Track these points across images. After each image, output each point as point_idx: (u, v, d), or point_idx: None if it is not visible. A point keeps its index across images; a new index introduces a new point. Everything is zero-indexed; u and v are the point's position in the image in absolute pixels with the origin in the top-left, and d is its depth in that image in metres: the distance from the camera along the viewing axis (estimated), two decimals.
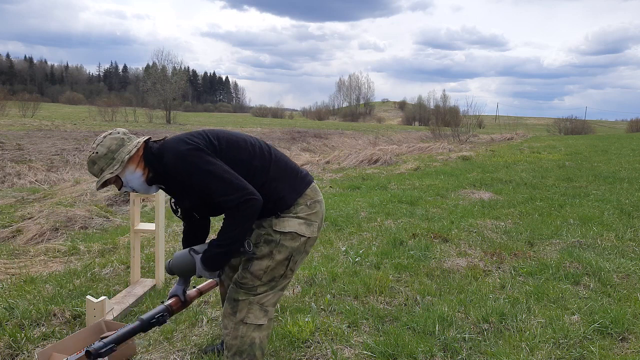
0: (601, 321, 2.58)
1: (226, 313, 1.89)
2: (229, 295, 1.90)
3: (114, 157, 1.77)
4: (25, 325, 2.63)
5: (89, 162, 1.81)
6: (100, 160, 1.77)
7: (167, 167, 1.77)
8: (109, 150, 1.78)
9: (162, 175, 1.82)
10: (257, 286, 1.86)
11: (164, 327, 2.66)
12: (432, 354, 2.32)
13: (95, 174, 1.80)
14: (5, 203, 7.13)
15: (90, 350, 1.65)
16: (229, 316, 1.87)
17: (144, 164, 1.82)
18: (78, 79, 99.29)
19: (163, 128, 25.60)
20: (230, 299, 1.89)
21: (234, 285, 1.89)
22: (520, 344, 2.40)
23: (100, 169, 1.77)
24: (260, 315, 1.87)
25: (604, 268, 3.44)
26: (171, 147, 1.79)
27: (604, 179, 7.98)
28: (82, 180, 9.07)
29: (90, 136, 17.80)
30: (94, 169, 1.80)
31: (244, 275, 1.86)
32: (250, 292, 1.86)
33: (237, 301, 1.87)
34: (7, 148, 13.12)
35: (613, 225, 4.77)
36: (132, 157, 1.79)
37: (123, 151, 1.78)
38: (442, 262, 3.71)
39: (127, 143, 1.81)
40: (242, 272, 1.88)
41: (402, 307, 2.89)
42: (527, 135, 30.09)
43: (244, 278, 1.86)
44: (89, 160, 1.81)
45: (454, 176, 8.68)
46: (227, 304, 1.90)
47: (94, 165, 1.79)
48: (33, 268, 3.85)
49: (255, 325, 1.86)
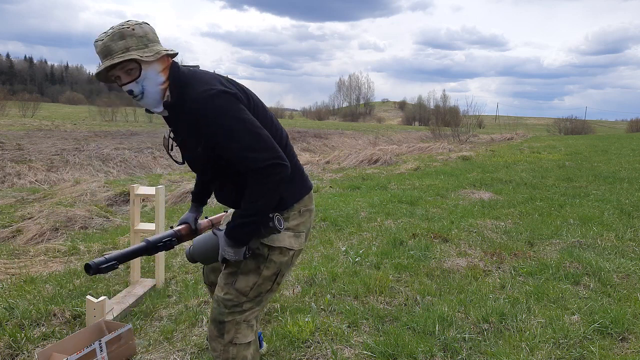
0: (601, 321, 2.58)
1: (212, 336, 1.71)
2: (213, 317, 1.70)
3: (147, 44, 1.52)
4: (25, 325, 2.63)
5: (115, 34, 1.48)
6: (131, 38, 1.49)
7: (188, 99, 1.51)
8: (146, 35, 1.52)
9: (176, 106, 1.56)
10: (243, 303, 1.68)
11: (164, 327, 2.66)
12: (432, 354, 2.32)
13: (114, 50, 1.48)
14: (5, 203, 7.13)
15: (90, 264, 1.52)
16: (216, 339, 1.70)
17: (168, 77, 1.57)
18: (78, 79, 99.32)
19: (163, 128, 25.59)
20: (215, 321, 1.70)
21: (218, 305, 1.69)
22: (520, 344, 2.40)
23: (126, 47, 1.48)
24: (248, 332, 1.71)
25: (604, 268, 3.44)
26: (202, 80, 1.55)
27: (604, 179, 7.98)
28: (82, 180, 9.07)
29: (90, 136, 17.81)
30: (118, 44, 1.47)
31: (228, 292, 1.68)
32: (235, 311, 1.68)
33: (224, 323, 1.68)
34: (7, 148, 13.12)
35: (613, 225, 4.77)
36: (163, 57, 1.55)
37: (159, 46, 1.55)
38: (442, 262, 3.71)
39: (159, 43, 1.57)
40: (226, 287, 1.68)
41: (402, 307, 2.89)
42: (527, 135, 30.09)
43: (228, 294, 1.67)
44: (115, 32, 1.48)
45: (454, 176, 8.68)
46: (213, 326, 1.71)
47: (121, 40, 1.47)
48: (33, 268, 3.85)
49: (245, 343, 1.71)
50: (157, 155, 15.43)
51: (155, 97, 1.56)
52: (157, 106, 1.58)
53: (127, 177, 12.07)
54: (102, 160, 13.61)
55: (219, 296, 1.69)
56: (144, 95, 1.54)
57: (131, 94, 1.53)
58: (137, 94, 1.53)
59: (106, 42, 1.48)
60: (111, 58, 1.47)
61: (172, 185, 8.52)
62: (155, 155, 15.42)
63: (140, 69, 1.51)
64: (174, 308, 2.93)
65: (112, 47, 1.48)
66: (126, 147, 15.79)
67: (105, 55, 1.49)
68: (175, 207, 6.89)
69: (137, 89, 1.52)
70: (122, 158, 14.20)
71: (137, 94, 1.53)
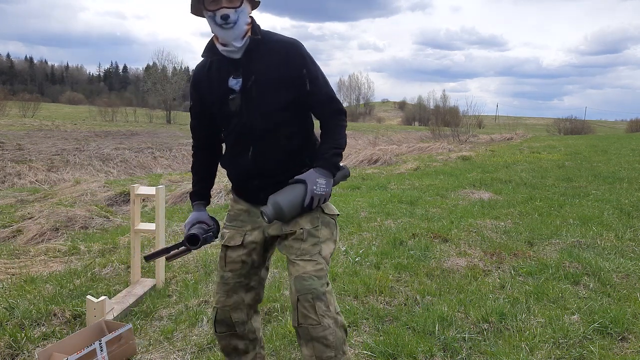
0: (601, 321, 2.58)
1: (321, 313, 1.58)
2: (314, 295, 1.58)
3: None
4: (25, 325, 2.63)
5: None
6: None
7: (279, 39, 1.63)
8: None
9: (260, 45, 1.62)
10: (327, 270, 1.67)
11: (164, 327, 2.67)
12: (432, 354, 2.32)
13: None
14: (6, 203, 7.13)
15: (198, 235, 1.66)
16: (325, 314, 1.59)
17: (251, 22, 1.64)
18: (78, 79, 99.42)
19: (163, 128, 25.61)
20: (317, 298, 1.58)
21: (313, 280, 1.59)
22: (520, 344, 2.40)
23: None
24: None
25: (603, 268, 3.44)
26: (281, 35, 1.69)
27: (603, 179, 7.98)
28: (82, 181, 9.08)
29: (90, 136, 17.81)
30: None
31: (318, 261, 1.63)
32: (326, 280, 1.64)
33: (324, 294, 1.60)
34: (8, 148, 13.13)
35: (613, 225, 4.77)
36: (255, 2, 1.66)
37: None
38: (442, 262, 3.71)
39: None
40: (314, 258, 1.63)
41: (402, 307, 2.89)
42: (526, 135, 30.08)
43: (318, 264, 1.62)
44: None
45: (453, 176, 8.68)
46: (319, 304, 1.59)
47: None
48: (33, 268, 3.85)
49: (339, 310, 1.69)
50: (157, 155, 15.44)
51: (241, 32, 1.58)
52: (239, 41, 1.59)
53: (127, 177, 12.08)
54: (103, 160, 13.62)
55: (309, 271, 1.61)
56: (236, 25, 1.56)
57: (225, 20, 1.54)
58: (232, 21, 1.55)
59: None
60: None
61: (172, 185, 8.52)
62: (155, 155, 15.43)
63: (242, 1, 1.57)
64: (174, 308, 2.93)
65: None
66: (126, 147, 15.81)
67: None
68: (176, 207, 6.89)
69: (234, 17, 1.55)
70: (122, 158, 14.21)
71: (232, 21, 1.55)
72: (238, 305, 1.76)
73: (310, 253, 1.64)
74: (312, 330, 1.58)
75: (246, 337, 1.81)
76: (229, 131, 1.71)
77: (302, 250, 1.65)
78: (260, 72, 1.61)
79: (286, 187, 1.64)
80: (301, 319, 1.59)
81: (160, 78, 38.11)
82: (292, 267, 1.65)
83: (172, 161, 15.39)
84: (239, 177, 1.76)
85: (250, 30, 1.61)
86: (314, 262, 1.63)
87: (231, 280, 1.75)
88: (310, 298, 1.59)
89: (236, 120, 1.65)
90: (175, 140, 21.04)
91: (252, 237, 1.75)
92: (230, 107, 1.63)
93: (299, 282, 1.60)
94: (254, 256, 1.76)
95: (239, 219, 1.78)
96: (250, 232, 1.75)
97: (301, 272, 1.61)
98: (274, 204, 1.60)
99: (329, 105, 1.69)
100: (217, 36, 1.61)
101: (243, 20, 1.57)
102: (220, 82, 1.65)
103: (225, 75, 1.64)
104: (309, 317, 1.58)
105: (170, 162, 15.18)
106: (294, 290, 1.61)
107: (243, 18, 1.57)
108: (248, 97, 1.62)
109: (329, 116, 1.70)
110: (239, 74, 1.62)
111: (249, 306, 1.79)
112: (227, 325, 1.77)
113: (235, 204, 1.82)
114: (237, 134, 1.68)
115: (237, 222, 1.78)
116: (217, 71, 1.66)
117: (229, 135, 1.73)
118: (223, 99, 1.64)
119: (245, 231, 1.76)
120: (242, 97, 1.62)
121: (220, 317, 1.76)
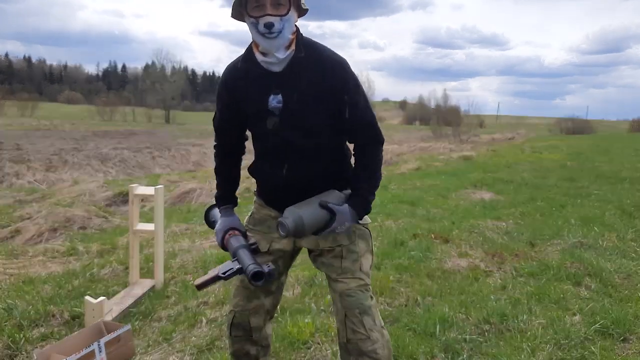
0: (602, 322, 2.57)
1: (369, 326, 1.58)
2: (361, 308, 1.58)
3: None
4: (24, 326, 2.62)
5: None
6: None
7: (325, 58, 1.50)
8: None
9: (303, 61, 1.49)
10: (369, 283, 1.65)
11: (163, 328, 2.65)
12: (433, 355, 2.31)
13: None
14: (4, 203, 7.11)
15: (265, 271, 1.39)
16: (374, 328, 1.59)
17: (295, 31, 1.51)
18: (77, 78, 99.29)
19: (162, 127, 25.62)
20: (364, 312, 1.58)
21: (357, 296, 1.59)
22: (521, 345, 2.38)
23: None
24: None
25: (605, 268, 3.42)
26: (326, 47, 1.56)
27: (605, 179, 7.97)
28: (80, 181, 9.06)
29: (89, 136, 17.80)
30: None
31: (360, 277, 1.62)
32: (370, 294, 1.63)
33: (370, 308, 1.60)
34: (6, 148, 13.12)
35: (615, 225, 4.76)
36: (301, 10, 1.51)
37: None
38: (443, 262, 3.69)
39: None
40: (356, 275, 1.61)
41: (402, 308, 2.87)
42: (528, 134, 30.13)
43: (361, 279, 1.61)
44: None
45: (455, 176, 8.67)
46: (366, 317, 1.58)
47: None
48: (32, 268, 3.83)
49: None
50: (155, 155, 15.42)
51: (285, 42, 1.46)
52: (282, 51, 1.47)
53: (125, 177, 12.06)
54: (101, 160, 13.61)
55: (353, 287, 1.60)
56: (281, 34, 1.44)
57: (269, 28, 1.42)
58: (276, 30, 1.43)
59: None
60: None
61: (171, 185, 8.50)
62: (154, 155, 15.42)
63: (289, 9, 1.45)
64: (173, 309, 2.92)
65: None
66: (125, 147, 15.80)
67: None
68: (174, 208, 6.88)
69: (279, 26, 1.43)
70: (120, 158, 14.20)
71: (276, 30, 1.42)
72: (257, 310, 1.71)
73: (351, 270, 1.62)
74: (361, 345, 1.57)
75: (259, 344, 1.78)
76: (262, 144, 1.63)
77: (344, 269, 1.62)
78: (301, 90, 1.50)
79: (313, 203, 1.54)
80: (350, 334, 1.58)
81: (159, 77, 38.10)
82: (334, 284, 1.63)
83: (171, 161, 15.38)
84: (269, 189, 1.69)
85: (294, 42, 1.49)
86: (357, 279, 1.61)
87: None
88: (358, 313, 1.58)
89: (272, 136, 1.56)
90: (174, 140, 21.05)
91: (281, 245, 1.68)
92: (267, 124, 1.54)
93: (344, 298, 1.59)
94: (279, 263, 1.69)
95: (266, 224, 1.70)
96: (279, 240, 1.67)
97: (345, 288, 1.60)
98: (297, 219, 1.49)
99: (367, 133, 1.59)
100: (258, 44, 1.50)
101: (288, 30, 1.45)
102: (259, 96, 1.53)
103: (264, 89, 1.52)
104: (357, 332, 1.57)
105: (169, 162, 15.17)
106: (340, 307, 1.60)
107: (288, 27, 1.45)
108: (287, 115, 1.52)
109: (366, 145, 1.61)
110: (278, 90, 1.51)
111: (267, 312, 1.75)
112: (243, 330, 1.73)
113: (261, 208, 1.73)
114: (272, 149, 1.60)
115: (263, 227, 1.71)
116: (256, 82, 1.53)
117: (261, 147, 1.64)
118: (261, 114, 1.54)
119: (272, 238, 1.68)
120: (281, 116, 1.52)
121: (238, 321, 1.71)
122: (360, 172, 1.63)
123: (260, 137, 1.62)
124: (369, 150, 1.61)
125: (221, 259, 3.68)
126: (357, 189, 1.61)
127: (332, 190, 1.61)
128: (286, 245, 1.68)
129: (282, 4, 1.43)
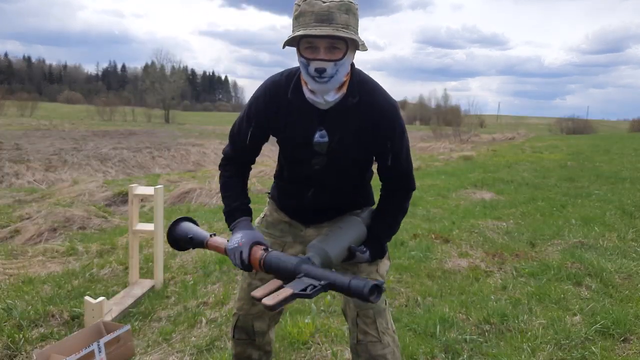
0: (603, 322, 2.56)
1: (382, 329, 1.55)
2: (375, 309, 1.55)
3: (357, 29, 1.35)
4: (23, 326, 2.61)
5: (343, 4, 1.29)
6: (353, 16, 1.32)
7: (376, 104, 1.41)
8: (358, 19, 1.36)
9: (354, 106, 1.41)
10: (385, 289, 1.64)
11: (163, 328, 2.65)
12: (433, 355, 2.30)
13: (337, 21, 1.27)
14: (3, 203, 7.10)
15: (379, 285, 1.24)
16: (386, 331, 1.57)
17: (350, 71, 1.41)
18: (76, 78, 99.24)
19: (162, 127, 25.60)
20: (379, 314, 1.56)
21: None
22: (521, 345, 2.38)
23: (347, 23, 1.29)
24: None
25: (605, 269, 3.42)
26: (379, 85, 1.48)
27: (606, 179, 7.97)
28: (80, 180, 9.05)
29: (88, 136, 17.79)
30: (342, 16, 1.28)
31: (376, 279, 1.55)
32: (384, 296, 1.60)
33: (385, 311, 1.59)
34: (5, 148, 13.11)
35: (615, 225, 4.76)
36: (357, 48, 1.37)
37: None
38: (443, 262, 3.69)
39: None
40: (371, 276, 1.59)
41: (403, 308, 2.87)
42: (528, 134, 30.14)
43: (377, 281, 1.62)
44: (343, 3, 1.29)
45: (455, 176, 8.67)
46: (379, 319, 1.56)
47: (346, 13, 1.29)
48: (31, 268, 3.82)
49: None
50: (155, 155, 15.42)
51: (336, 85, 1.36)
52: (332, 95, 1.38)
53: (125, 177, 12.05)
54: (101, 160, 13.60)
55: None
56: (333, 79, 1.33)
57: (320, 73, 1.31)
58: (329, 75, 1.32)
59: (332, 7, 1.27)
60: (333, 27, 1.27)
61: (171, 185, 8.49)
62: (153, 155, 15.41)
63: (346, 52, 1.32)
64: (172, 309, 2.91)
65: (335, 16, 1.27)
66: (124, 147, 15.79)
67: (323, 21, 1.27)
68: (174, 208, 6.87)
69: (331, 71, 1.31)
70: (120, 158, 14.19)
71: (328, 75, 1.32)
72: (261, 315, 1.68)
73: (367, 271, 1.60)
74: (371, 348, 1.53)
75: (262, 348, 1.76)
76: (294, 167, 1.58)
77: (360, 270, 1.60)
78: (347, 132, 1.43)
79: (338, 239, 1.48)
80: (360, 335, 1.55)
81: (159, 77, 38.07)
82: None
83: (171, 161, 15.37)
84: (289, 203, 1.65)
85: (347, 84, 1.40)
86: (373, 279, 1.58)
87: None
88: (372, 314, 1.54)
89: (307, 168, 1.51)
90: (173, 140, 21.04)
91: (294, 250, 1.65)
92: (312, 163, 1.49)
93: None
94: None
95: (279, 227, 1.67)
96: (292, 245, 1.65)
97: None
98: (324, 257, 1.41)
99: (402, 182, 1.57)
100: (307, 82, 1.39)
101: (342, 73, 1.34)
102: (303, 130, 1.45)
103: (308, 124, 1.44)
104: (368, 333, 1.54)
105: (169, 162, 15.16)
106: (353, 306, 1.56)
107: (342, 71, 1.34)
108: (328, 152, 1.47)
109: (397, 191, 1.59)
110: (322, 127, 1.44)
111: (271, 317, 1.72)
112: (247, 333, 1.71)
113: (274, 211, 1.70)
114: (304, 177, 1.55)
115: (275, 230, 1.67)
116: (300, 112, 1.44)
117: (291, 169, 1.59)
118: (302, 147, 1.47)
119: (285, 242, 1.66)
120: (325, 153, 1.47)
121: (241, 324, 1.69)
122: (384, 216, 1.60)
123: (294, 163, 1.57)
124: (399, 196, 1.59)
125: (221, 259, 3.67)
126: (376, 236, 1.58)
127: (353, 218, 1.58)
128: (299, 251, 1.65)
129: (338, 48, 1.31)
